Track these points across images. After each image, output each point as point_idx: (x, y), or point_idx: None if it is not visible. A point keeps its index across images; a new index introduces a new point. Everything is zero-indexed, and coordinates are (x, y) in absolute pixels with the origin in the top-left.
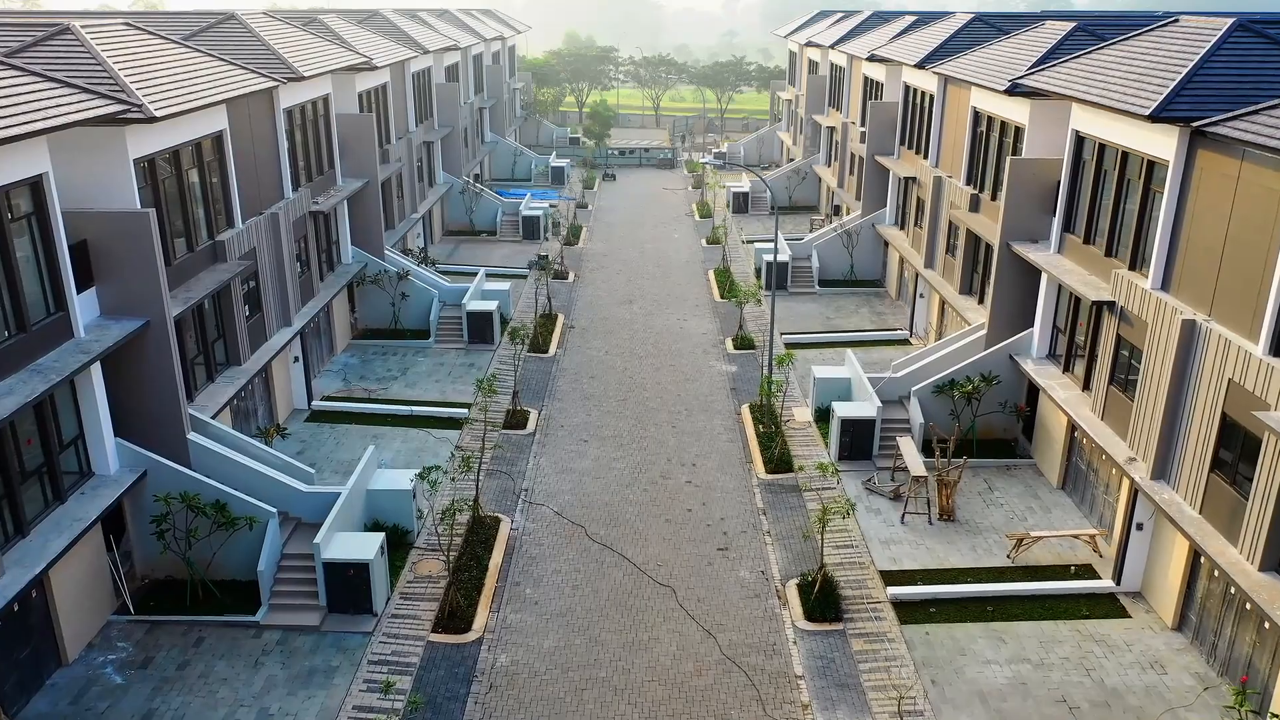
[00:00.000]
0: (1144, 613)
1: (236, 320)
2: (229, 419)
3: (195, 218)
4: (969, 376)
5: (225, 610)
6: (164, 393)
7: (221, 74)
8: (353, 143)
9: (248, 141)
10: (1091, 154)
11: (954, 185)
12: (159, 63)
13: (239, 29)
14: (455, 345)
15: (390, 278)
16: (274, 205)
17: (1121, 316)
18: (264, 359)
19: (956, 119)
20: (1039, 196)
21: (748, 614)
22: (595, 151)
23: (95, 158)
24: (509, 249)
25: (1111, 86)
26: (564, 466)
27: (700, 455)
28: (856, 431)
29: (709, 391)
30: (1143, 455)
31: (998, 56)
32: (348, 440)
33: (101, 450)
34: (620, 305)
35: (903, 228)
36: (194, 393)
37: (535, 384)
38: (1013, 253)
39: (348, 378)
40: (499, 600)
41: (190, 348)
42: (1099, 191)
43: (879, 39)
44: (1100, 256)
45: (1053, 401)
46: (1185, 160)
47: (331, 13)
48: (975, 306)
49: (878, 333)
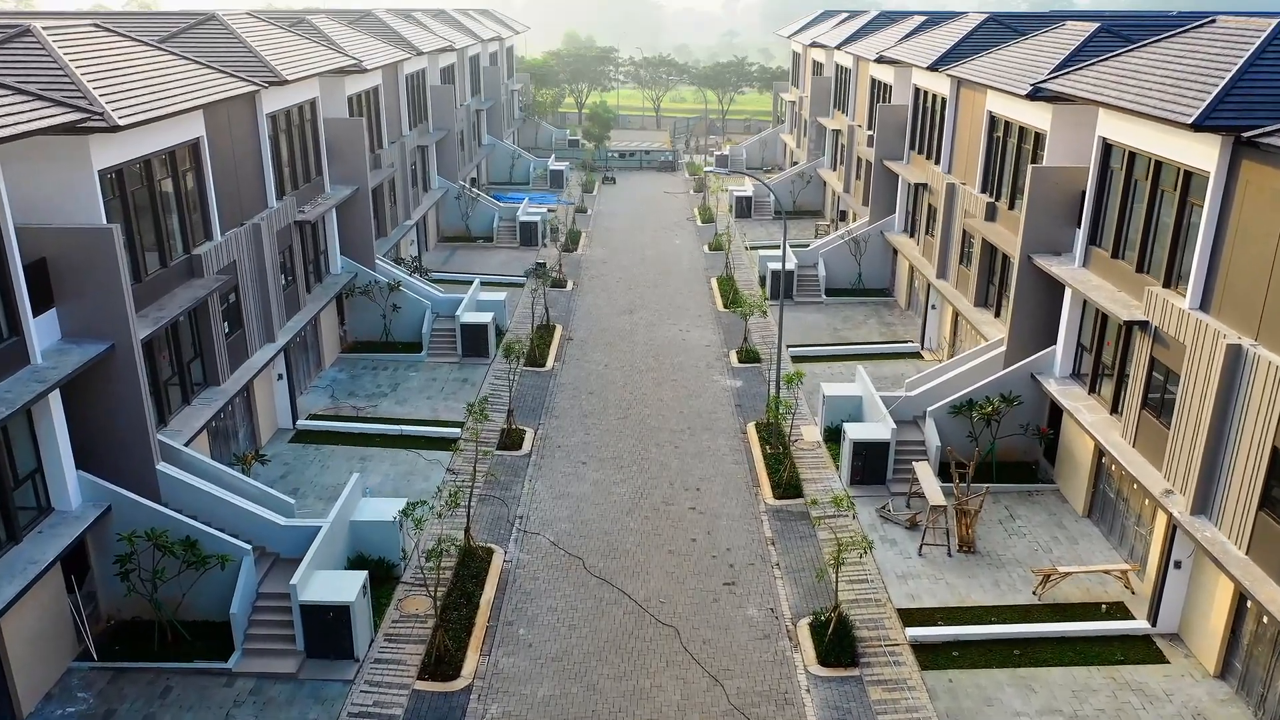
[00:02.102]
0: (1183, 657)
1: (215, 338)
2: (206, 443)
3: (169, 231)
4: (988, 397)
5: (195, 655)
6: (131, 421)
7: (198, 78)
8: (342, 148)
9: (228, 149)
10: (1120, 163)
11: (968, 193)
12: (128, 67)
13: (220, 31)
14: (448, 359)
15: (381, 289)
16: (256, 215)
17: (1155, 337)
18: (245, 378)
19: (970, 123)
20: (1062, 207)
21: (757, 658)
22: (595, 154)
23: (57, 169)
24: (506, 255)
25: (1146, 92)
26: (561, 491)
27: (704, 478)
28: (869, 455)
29: (713, 408)
30: (1181, 488)
31: (1016, 59)
32: (333, 463)
33: (61, 485)
34: (620, 315)
35: (913, 235)
36: (167, 417)
37: (531, 400)
38: (1034, 266)
39: (335, 394)
40: (490, 642)
41: (163, 369)
42: (1129, 203)
43: (887, 40)
44: (1130, 272)
45: (1078, 424)
46: (1228, 171)
47: (321, 13)
48: (992, 320)
49: (887, 345)
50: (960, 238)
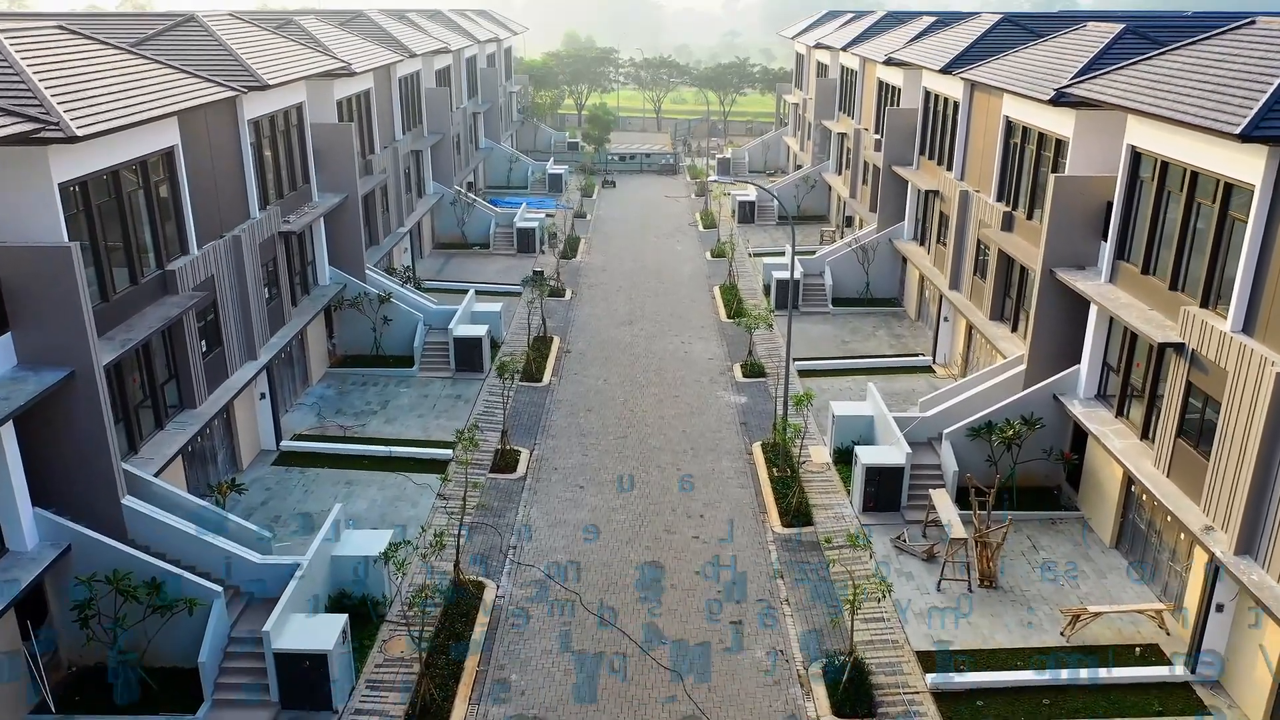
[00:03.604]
0: (1227, 708)
1: (191, 358)
2: (182, 469)
3: (140, 245)
4: (1008, 419)
5: (161, 707)
6: (93, 453)
7: (171, 83)
8: (330, 154)
9: (206, 157)
10: (1151, 173)
11: (983, 201)
12: (94, 73)
13: (199, 33)
14: (441, 374)
15: (371, 300)
16: (237, 227)
17: (1193, 361)
18: (224, 399)
19: (985, 129)
20: (1087, 218)
21: (766, 707)
22: (594, 157)
23: (14, 183)
24: (502, 263)
25: (1184, 99)
26: (557, 519)
27: (708, 504)
28: (883, 481)
29: (717, 426)
30: (1223, 525)
31: (1035, 62)
32: (318, 488)
33: (16, 524)
34: (620, 326)
35: (923, 244)
36: (139, 443)
37: (527, 418)
38: (1056, 281)
39: (322, 412)
40: (480, 689)
41: (133, 393)
42: (1160, 216)
43: (895, 41)
44: (1163, 290)
45: (1105, 450)
46: (1275, 184)
47: (311, 15)
48: (1009, 335)
49: (898, 359)
50: (974, 248)
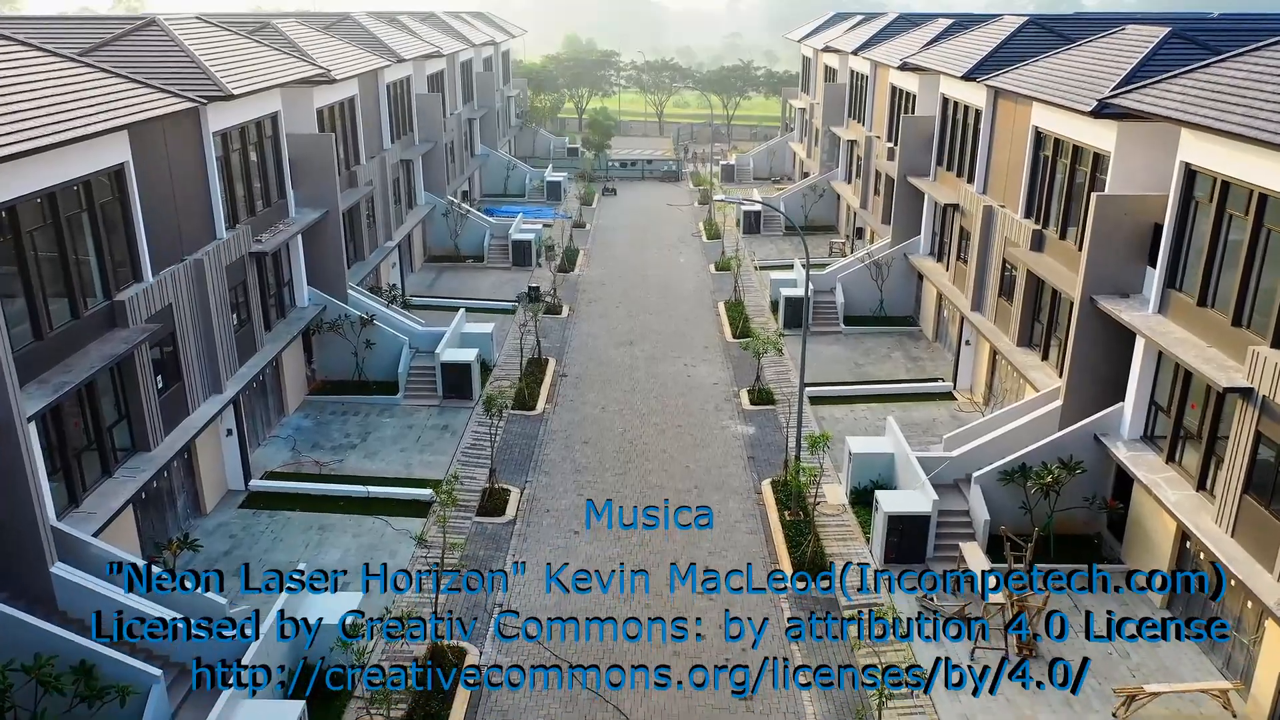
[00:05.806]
0: None
1: (144, 396)
2: (133, 520)
3: (83, 275)
4: (1045, 463)
5: None
6: (15, 518)
7: (120, 94)
8: (309, 167)
9: (163, 174)
10: (1208, 193)
11: (1009, 217)
12: (28, 83)
13: (159, 38)
14: (428, 402)
15: (353, 323)
16: (200, 249)
17: (1263, 408)
18: (183, 440)
19: (1011, 140)
20: (1131, 242)
21: None
22: (594, 163)
23: None
24: (497, 277)
25: (1257, 113)
26: (548, 569)
27: (714, 553)
28: (906, 530)
29: (723, 461)
30: None
31: (1069, 68)
32: (288, 534)
33: None
34: (619, 347)
35: (941, 260)
36: (80, 495)
37: (519, 451)
38: (1097, 309)
39: (297, 446)
40: None
41: (74, 439)
42: (1221, 241)
43: (909, 45)
44: (1225, 325)
45: (1157, 500)
46: None
47: (291, 17)
48: (1039, 364)
49: (916, 385)
50: (999, 267)
